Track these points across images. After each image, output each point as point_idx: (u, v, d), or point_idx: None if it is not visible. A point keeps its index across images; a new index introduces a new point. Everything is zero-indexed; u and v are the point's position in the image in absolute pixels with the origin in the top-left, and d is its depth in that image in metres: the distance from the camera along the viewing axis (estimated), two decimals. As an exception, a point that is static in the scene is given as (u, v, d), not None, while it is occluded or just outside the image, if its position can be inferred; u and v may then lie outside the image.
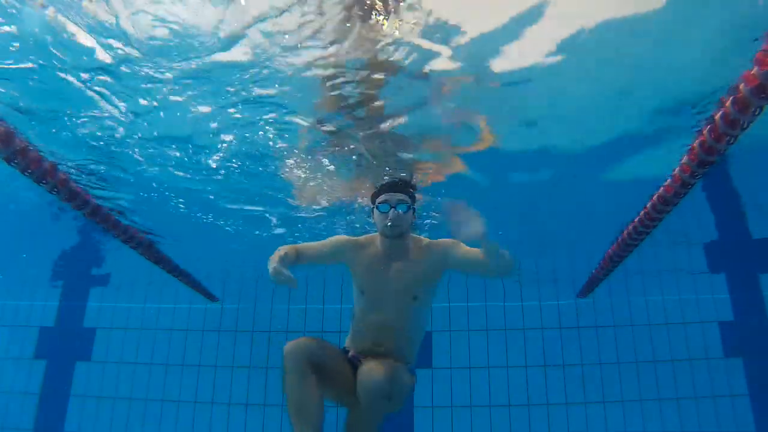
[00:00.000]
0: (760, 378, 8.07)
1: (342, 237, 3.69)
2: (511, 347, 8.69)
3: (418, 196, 5.18)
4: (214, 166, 5.10)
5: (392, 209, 3.32)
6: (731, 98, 2.53)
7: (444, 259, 3.37)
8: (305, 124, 4.20)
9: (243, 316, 9.27)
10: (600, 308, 8.75)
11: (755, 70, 2.31)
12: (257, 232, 7.28)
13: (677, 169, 3.27)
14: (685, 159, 3.13)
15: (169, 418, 8.80)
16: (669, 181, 3.45)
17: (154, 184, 5.69)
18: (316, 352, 2.98)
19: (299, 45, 3.24)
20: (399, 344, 3.40)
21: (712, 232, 7.60)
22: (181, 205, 6.32)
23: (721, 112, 2.64)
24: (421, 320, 3.53)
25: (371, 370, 2.94)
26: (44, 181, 3.70)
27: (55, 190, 3.86)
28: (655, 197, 3.77)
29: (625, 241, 4.84)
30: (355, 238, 3.68)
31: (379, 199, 3.41)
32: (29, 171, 3.50)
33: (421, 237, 3.63)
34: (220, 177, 5.36)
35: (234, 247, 7.90)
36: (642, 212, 4.13)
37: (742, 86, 2.42)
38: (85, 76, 3.58)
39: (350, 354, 3.43)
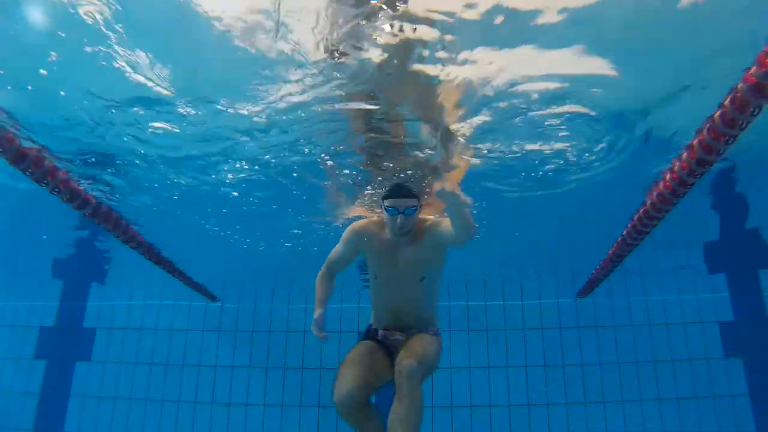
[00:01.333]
0: (760, 378, 8.07)
1: (354, 227, 3.83)
2: (511, 347, 8.69)
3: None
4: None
5: (400, 215, 3.45)
6: (730, 97, 2.54)
7: (436, 238, 3.54)
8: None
9: (243, 316, 9.27)
10: (600, 308, 8.76)
11: (754, 69, 2.31)
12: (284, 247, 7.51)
13: (676, 167, 3.27)
14: (684, 156, 3.13)
15: (169, 418, 8.80)
16: (668, 179, 3.45)
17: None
18: (358, 391, 3.23)
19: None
20: (417, 317, 3.73)
21: (712, 230, 7.60)
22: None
23: (719, 112, 2.64)
24: (433, 293, 3.83)
25: (402, 362, 3.19)
26: (44, 182, 3.70)
27: (57, 190, 3.86)
28: (654, 196, 3.77)
29: (625, 241, 4.84)
30: (366, 223, 3.83)
31: (387, 203, 3.50)
32: (29, 171, 3.50)
33: (426, 217, 3.78)
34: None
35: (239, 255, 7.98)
36: (641, 211, 4.13)
37: (740, 86, 2.43)
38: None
39: (379, 334, 3.74)
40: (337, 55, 3.07)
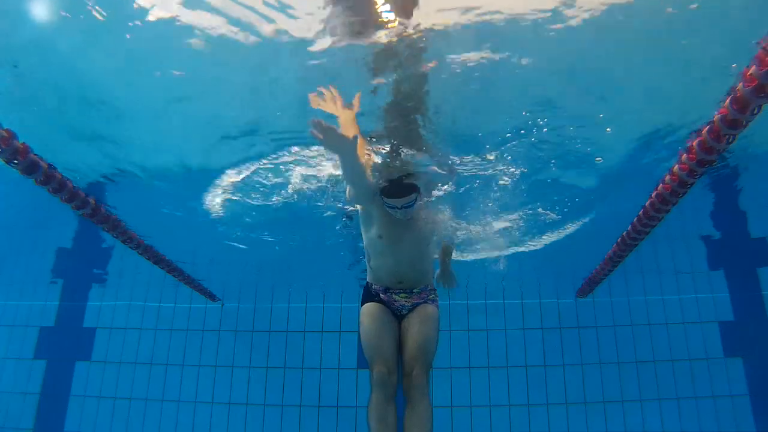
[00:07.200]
0: (760, 378, 8.06)
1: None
2: (511, 347, 8.68)
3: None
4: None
5: (399, 210, 3.56)
6: (730, 98, 2.53)
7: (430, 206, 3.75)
8: None
9: (243, 316, 9.27)
10: (600, 308, 8.75)
11: (753, 69, 2.31)
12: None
13: (676, 167, 3.27)
14: (684, 157, 3.13)
15: (169, 418, 8.80)
16: (668, 179, 3.44)
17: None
18: (394, 366, 3.47)
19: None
20: (417, 277, 3.83)
21: (713, 230, 7.60)
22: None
23: (719, 114, 2.64)
24: (431, 253, 4.02)
25: (412, 373, 3.42)
26: (41, 180, 3.70)
27: (54, 190, 3.86)
28: (654, 196, 3.76)
29: (625, 241, 4.84)
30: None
31: (386, 201, 3.56)
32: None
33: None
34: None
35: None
36: (641, 211, 4.12)
37: (740, 86, 2.42)
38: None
39: (381, 298, 3.80)
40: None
